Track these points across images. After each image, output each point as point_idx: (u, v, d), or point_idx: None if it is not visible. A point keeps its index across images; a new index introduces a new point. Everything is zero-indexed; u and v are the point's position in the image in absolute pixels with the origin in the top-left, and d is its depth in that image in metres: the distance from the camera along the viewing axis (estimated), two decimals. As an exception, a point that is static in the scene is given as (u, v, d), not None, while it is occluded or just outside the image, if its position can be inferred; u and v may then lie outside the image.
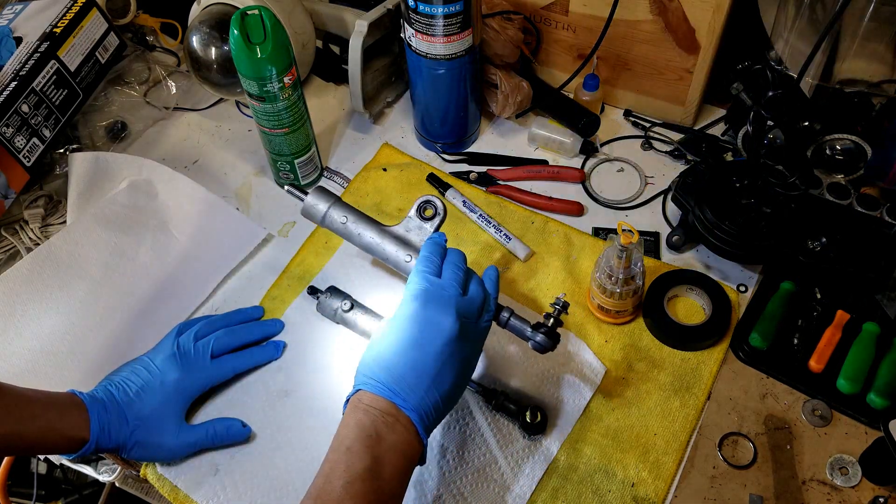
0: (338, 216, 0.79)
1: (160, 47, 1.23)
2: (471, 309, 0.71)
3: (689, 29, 0.95)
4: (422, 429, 0.65)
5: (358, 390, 0.67)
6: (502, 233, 0.95)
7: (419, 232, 0.78)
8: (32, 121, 1.00)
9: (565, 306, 0.75)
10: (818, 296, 0.86)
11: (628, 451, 0.78)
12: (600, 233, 0.97)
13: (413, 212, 0.77)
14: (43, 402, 0.72)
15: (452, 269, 0.72)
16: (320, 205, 0.79)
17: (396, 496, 0.64)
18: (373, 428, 0.63)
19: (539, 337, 0.73)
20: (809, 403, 0.80)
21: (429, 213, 0.78)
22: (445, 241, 0.76)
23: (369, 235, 0.78)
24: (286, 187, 0.82)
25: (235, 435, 0.80)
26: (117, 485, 0.87)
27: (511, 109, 1.04)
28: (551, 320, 0.74)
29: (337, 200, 0.80)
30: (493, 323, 0.76)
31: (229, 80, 1.06)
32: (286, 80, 0.89)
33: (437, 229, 0.79)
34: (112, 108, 1.15)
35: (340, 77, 1.18)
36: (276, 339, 0.89)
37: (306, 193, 0.80)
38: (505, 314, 0.75)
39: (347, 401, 0.68)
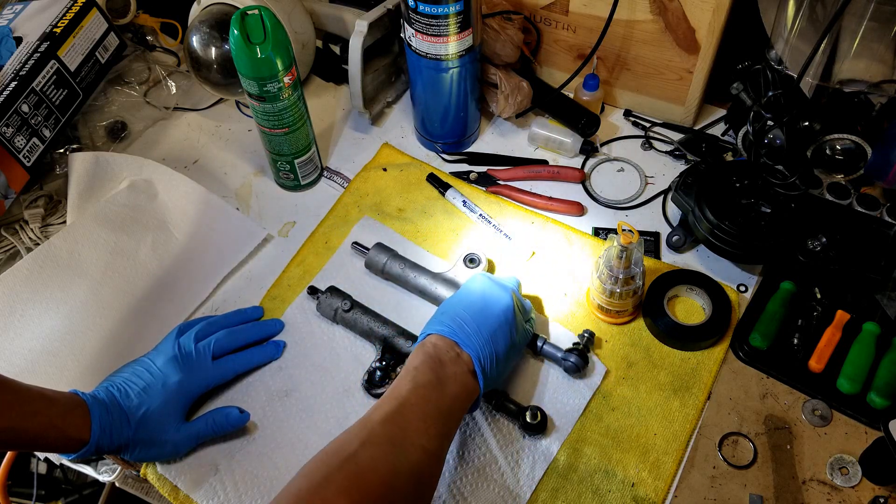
0: (396, 267, 0.91)
1: (160, 47, 1.23)
2: (522, 305, 0.82)
3: (688, 29, 0.95)
4: (480, 371, 0.73)
5: (427, 335, 0.76)
6: (502, 233, 0.95)
7: (465, 276, 0.89)
8: (32, 121, 1.00)
9: (592, 336, 0.85)
10: (818, 296, 0.86)
11: (628, 451, 0.78)
12: (600, 233, 0.97)
13: (460, 262, 0.91)
14: (45, 399, 0.72)
15: (512, 276, 0.88)
16: (381, 258, 0.92)
17: (455, 414, 0.71)
18: (437, 357, 0.72)
19: (573, 358, 0.81)
20: (809, 403, 0.80)
21: (473, 264, 0.91)
22: None
23: (422, 280, 0.90)
24: (352, 244, 0.95)
25: (235, 422, 0.80)
26: (117, 485, 0.87)
27: (511, 109, 1.04)
28: (580, 346, 0.83)
29: (394, 254, 0.92)
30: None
31: (229, 80, 1.06)
32: (286, 80, 0.89)
33: None
34: (112, 108, 1.14)
35: (340, 77, 1.18)
36: (276, 339, 0.89)
37: (368, 250, 0.93)
38: (539, 341, 0.84)
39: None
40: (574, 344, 0.84)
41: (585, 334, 0.84)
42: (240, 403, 0.83)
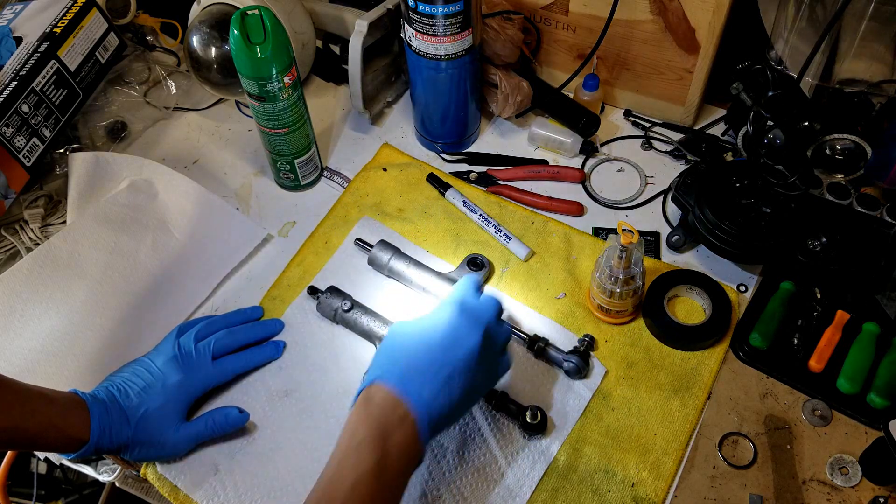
0: (400, 263, 0.91)
1: (160, 47, 1.23)
2: (498, 338, 0.74)
3: (688, 29, 0.95)
4: (427, 432, 0.66)
5: (373, 381, 0.67)
6: (502, 233, 0.95)
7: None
8: (32, 121, 1.00)
9: (592, 340, 0.85)
10: (818, 296, 0.86)
11: (628, 451, 0.78)
12: (600, 233, 0.97)
13: (464, 264, 0.91)
14: (45, 398, 0.72)
15: (493, 299, 0.76)
16: (385, 254, 0.92)
17: (397, 496, 0.65)
18: (384, 425, 0.64)
19: (574, 360, 0.81)
20: (809, 403, 0.80)
21: (476, 266, 0.91)
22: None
23: (426, 279, 0.90)
24: (355, 241, 0.95)
25: (234, 421, 0.80)
26: (117, 485, 0.87)
27: (511, 109, 1.04)
28: (581, 349, 0.83)
29: (397, 251, 0.92)
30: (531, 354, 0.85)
31: (229, 80, 1.06)
32: (286, 80, 0.89)
33: (485, 280, 0.92)
34: (112, 108, 1.14)
35: (340, 77, 1.18)
36: (276, 339, 0.89)
37: (372, 247, 0.93)
38: (540, 344, 0.83)
39: (360, 392, 0.68)
40: (575, 347, 0.84)
41: (586, 339, 0.85)
42: (240, 403, 0.83)
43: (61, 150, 1.07)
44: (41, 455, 0.91)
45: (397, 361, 0.68)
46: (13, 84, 0.98)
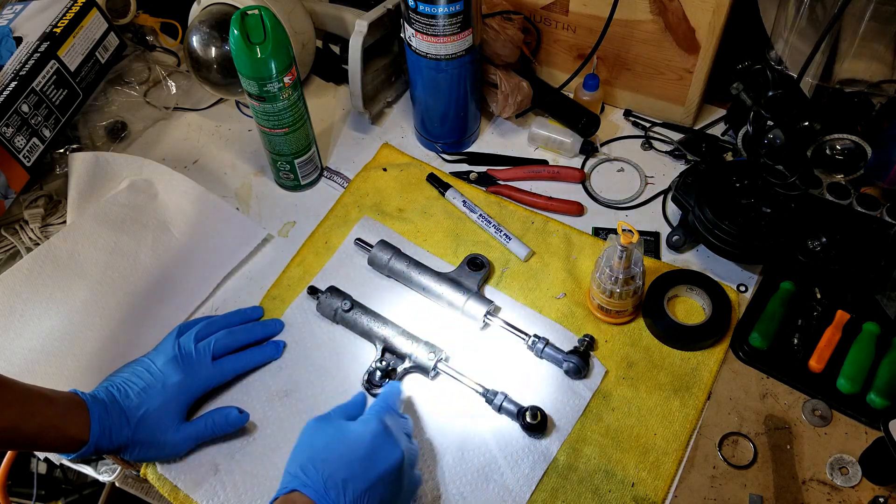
0: (400, 263, 0.91)
1: (160, 47, 1.23)
2: (412, 454, 0.74)
3: (688, 29, 0.95)
4: None
5: (294, 490, 0.66)
6: (502, 233, 0.95)
7: (469, 279, 0.90)
8: (32, 121, 1.00)
9: (592, 340, 0.85)
10: (818, 296, 0.86)
11: (628, 451, 0.78)
12: (600, 233, 0.97)
13: (464, 264, 0.91)
14: (45, 398, 0.72)
15: (407, 417, 0.78)
16: (385, 254, 0.92)
17: None
18: None
19: (574, 360, 0.81)
20: (809, 403, 0.80)
21: (476, 266, 0.91)
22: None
23: (427, 279, 0.90)
24: (355, 241, 0.95)
25: (234, 422, 0.80)
26: (117, 485, 0.87)
27: (511, 109, 1.04)
28: (581, 350, 0.83)
29: (397, 251, 0.92)
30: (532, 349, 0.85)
31: (229, 80, 1.06)
32: (286, 80, 0.89)
33: (485, 280, 0.91)
34: (112, 108, 1.14)
35: (340, 77, 1.18)
36: (276, 339, 0.89)
37: (372, 247, 0.93)
38: (540, 344, 0.83)
39: (278, 496, 0.67)
40: (575, 347, 0.84)
41: (586, 339, 0.85)
42: (240, 403, 0.83)
43: (61, 150, 1.07)
44: (41, 455, 0.91)
45: (319, 472, 0.67)
46: (13, 84, 0.98)
